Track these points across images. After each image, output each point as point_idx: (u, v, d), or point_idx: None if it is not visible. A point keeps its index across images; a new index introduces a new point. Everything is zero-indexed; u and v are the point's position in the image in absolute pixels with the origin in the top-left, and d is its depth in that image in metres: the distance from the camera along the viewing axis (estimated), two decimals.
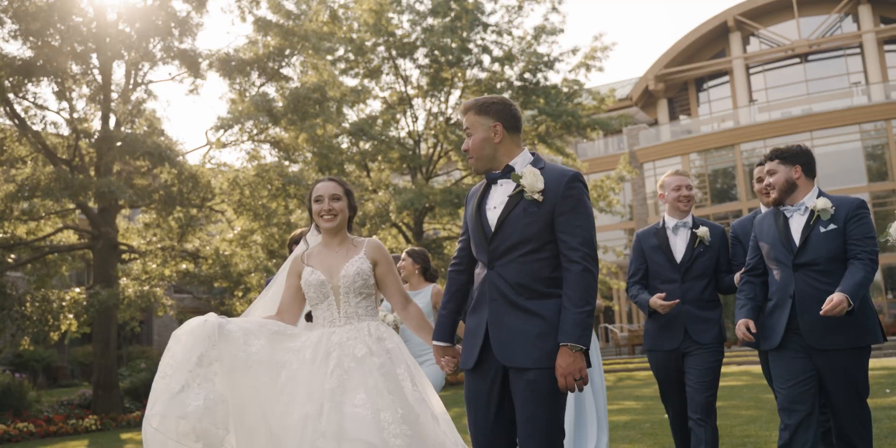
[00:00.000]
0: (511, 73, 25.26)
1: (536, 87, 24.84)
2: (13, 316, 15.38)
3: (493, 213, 3.38)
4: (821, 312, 3.90)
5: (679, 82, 40.02)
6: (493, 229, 3.35)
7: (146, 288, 15.74)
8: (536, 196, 3.30)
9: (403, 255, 6.15)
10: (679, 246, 4.97)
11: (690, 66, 38.80)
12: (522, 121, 3.53)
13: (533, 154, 3.48)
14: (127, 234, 18.81)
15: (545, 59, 24.64)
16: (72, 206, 16.97)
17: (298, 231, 5.88)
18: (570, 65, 25.29)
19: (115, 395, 16.90)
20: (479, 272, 3.42)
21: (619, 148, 38.69)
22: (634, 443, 7.39)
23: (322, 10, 21.58)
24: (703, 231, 4.93)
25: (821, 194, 4.33)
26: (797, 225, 4.28)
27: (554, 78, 25.33)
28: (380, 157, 24.35)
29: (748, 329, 4.31)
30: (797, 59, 37.42)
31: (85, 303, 14.60)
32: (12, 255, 16.74)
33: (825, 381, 4.16)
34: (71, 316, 15.30)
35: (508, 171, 3.39)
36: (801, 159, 4.37)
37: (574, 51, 25.07)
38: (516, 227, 3.31)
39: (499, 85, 25.24)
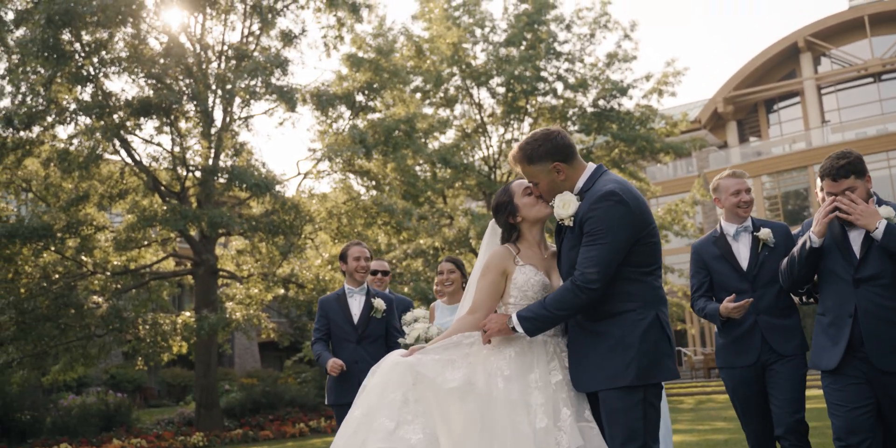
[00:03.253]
0: (584, 99, 25.79)
1: (610, 112, 25.29)
2: (124, 338, 16.46)
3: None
4: None
5: (749, 104, 39.96)
6: (559, 260, 3.46)
7: (251, 311, 16.65)
8: (568, 222, 3.34)
9: (449, 265, 5.86)
10: (743, 252, 4.61)
11: (760, 87, 38.74)
12: (571, 140, 3.42)
13: (599, 167, 3.44)
14: (222, 260, 19.78)
15: (619, 85, 25.11)
16: (174, 235, 17.98)
17: None
18: (643, 90, 25.67)
19: (216, 413, 17.76)
20: None
21: (688, 171, 38.79)
22: None
23: (408, 44, 22.54)
24: (765, 233, 4.58)
25: (880, 202, 3.95)
26: (857, 235, 3.89)
27: (627, 104, 25.64)
28: (458, 184, 25.06)
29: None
30: (870, 79, 37.12)
31: (195, 326, 15.51)
32: (120, 282, 17.82)
33: (886, 410, 3.81)
34: (179, 338, 16.30)
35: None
36: (865, 167, 3.97)
37: (647, 77, 25.49)
38: (566, 255, 3.38)
39: (571, 112, 25.81)
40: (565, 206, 3.33)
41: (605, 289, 3.22)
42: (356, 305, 6.01)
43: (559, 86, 25.60)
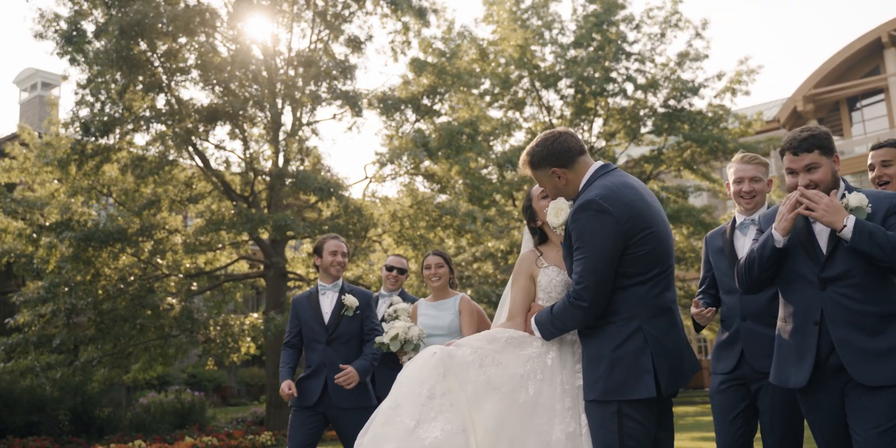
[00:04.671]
0: (654, 100, 25.41)
1: (681, 112, 24.86)
2: (198, 339, 16.99)
3: None
4: None
5: (830, 102, 38.68)
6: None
7: None
8: (560, 231, 3.32)
9: (437, 259, 5.59)
10: (746, 247, 3.98)
11: (842, 85, 37.44)
12: (575, 142, 3.33)
13: (601, 168, 3.32)
14: (292, 263, 20.16)
15: (690, 85, 24.67)
16: (245, 238, 18.45)
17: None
18: (716, 90, 25.15)
19: (286, 413, 18.10)
20: None
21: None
22: None
23: (472, 47, 22.62)
24: None
25: (850, 189, 3.40)
26: (823, 229, 3.31)
27: (699, 103, 25.18)
28: (525, 187, 25.01)
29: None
30: None
31: (262, 327, 15.89)
32: (195, 284, 18.37)
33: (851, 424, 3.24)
34: (248, 339, 16.73)
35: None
36: (833, 145, 3.40)
37: (719, 76, 24.98)
38: (565, 261, 3.37)
39: (642, 112, 25.46)
40: (557, 214, 3.31)
41: (601, 302, 3.15)
42: (327, 304, 5.59)
43: (629, 86, 25.31)
